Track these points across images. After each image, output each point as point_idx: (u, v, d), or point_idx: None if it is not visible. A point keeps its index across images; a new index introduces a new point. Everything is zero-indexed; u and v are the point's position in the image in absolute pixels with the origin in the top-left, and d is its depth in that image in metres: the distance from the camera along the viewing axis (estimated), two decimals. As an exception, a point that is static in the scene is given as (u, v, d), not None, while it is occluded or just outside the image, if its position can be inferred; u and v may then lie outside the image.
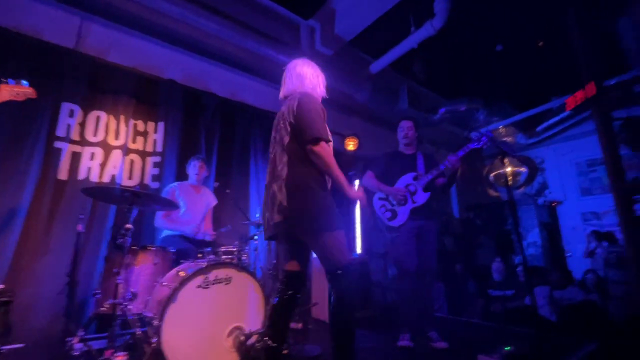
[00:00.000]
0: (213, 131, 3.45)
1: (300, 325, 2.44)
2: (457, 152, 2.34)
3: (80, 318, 2.30)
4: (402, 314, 2.36)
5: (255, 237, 2.92)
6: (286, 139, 1.50)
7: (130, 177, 2.93)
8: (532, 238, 5.80)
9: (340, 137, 4.39)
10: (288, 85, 1.68)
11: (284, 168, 1.46)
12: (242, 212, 3.06)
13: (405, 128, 2.62)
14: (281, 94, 1.71)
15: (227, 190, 3.14)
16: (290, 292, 1.50)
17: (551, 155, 6.49)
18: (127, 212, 1.95)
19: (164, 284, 1.86)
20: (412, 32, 3.75)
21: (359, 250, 4.11)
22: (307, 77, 1.67)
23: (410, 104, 4.81)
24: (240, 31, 3.32)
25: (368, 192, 2.48)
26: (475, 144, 2.29)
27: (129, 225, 1.90)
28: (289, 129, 1.50)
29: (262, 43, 3.48)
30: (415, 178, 2.48)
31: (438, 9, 3.40)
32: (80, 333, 1.84)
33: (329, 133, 1.52)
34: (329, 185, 1.54)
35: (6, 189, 2.29)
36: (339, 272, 1.38)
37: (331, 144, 1.52)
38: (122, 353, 1.66)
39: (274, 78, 4.09)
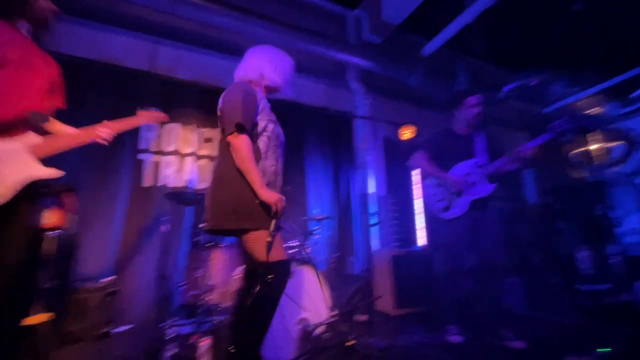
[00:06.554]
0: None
1: (365, 318, 2.47)
2: (529, 143, 2.08)
3: (170, 306, 2.65)
4: (447, 309, 2.20)
5: (315, 232, 3.02)
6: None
7: (202, 181, 3.24)
8: (631, 224, 4.98)
9: (394, 126, 4.24)
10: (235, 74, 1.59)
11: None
12: (302, 208, 3.18)
13: (475, 104, 2.33)
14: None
15: (288, 187, 3.29)
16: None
17: (652, 125, 5.45)
18: (201, 213, 2.17)
19: (235, 277, 2.04)
20: (466, 5, 3.45)
21: (420, 242, 3.98)
22: (248, 62, 1.56)
23: (469, 83, 4.46)
24: (287, 32, 3.39)
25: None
26: (551, 134, 2.03)
27: (202, 225, 2.12)
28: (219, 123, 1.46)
29: (310, 41, 3.50)
30: (478, 166, 2.23)
31: (497, -26, 3.08)
32: (172, 319, 2.12)
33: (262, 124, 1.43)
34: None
35: (102, 198, 2.72)
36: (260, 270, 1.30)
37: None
38: (207, 337, 1.87)
39: (323, 74, 4.11)
